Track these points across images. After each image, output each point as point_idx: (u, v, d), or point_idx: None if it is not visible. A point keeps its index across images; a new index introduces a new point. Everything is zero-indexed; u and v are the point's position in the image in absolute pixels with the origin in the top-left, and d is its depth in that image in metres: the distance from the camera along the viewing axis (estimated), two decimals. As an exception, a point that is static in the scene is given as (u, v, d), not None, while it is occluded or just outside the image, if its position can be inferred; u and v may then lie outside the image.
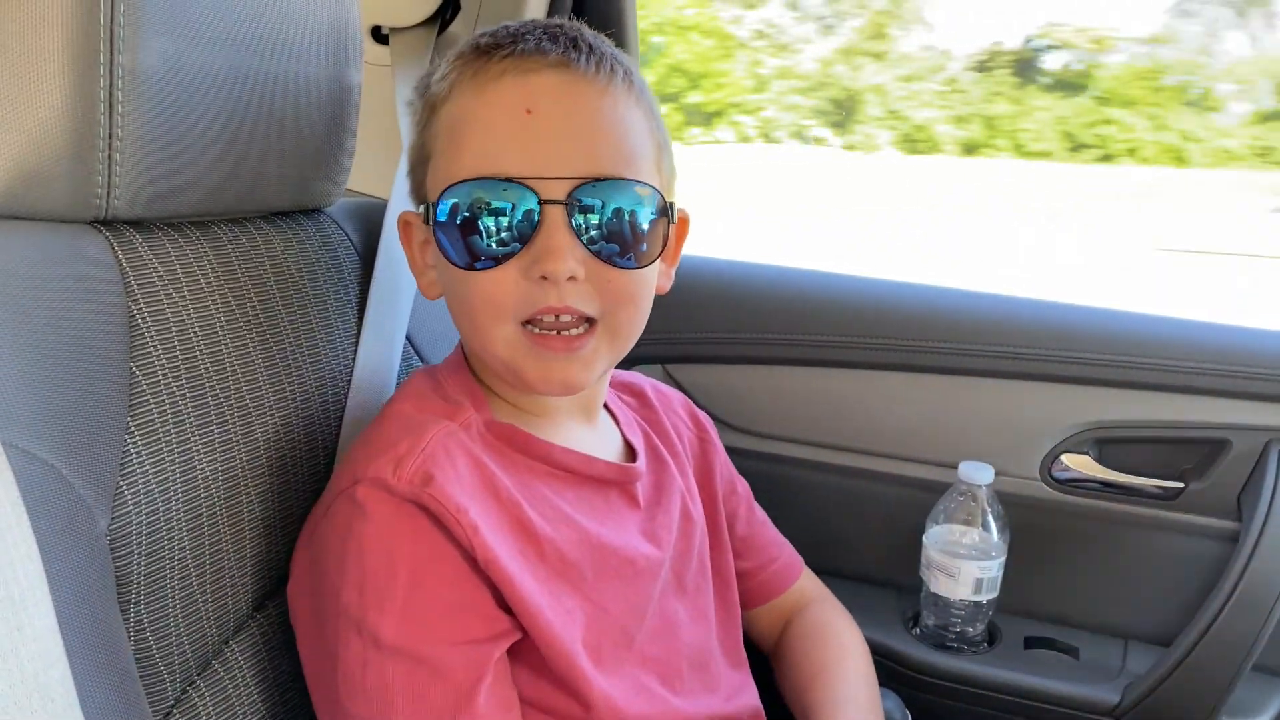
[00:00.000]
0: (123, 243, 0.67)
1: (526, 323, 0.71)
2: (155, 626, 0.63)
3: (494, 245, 0.69)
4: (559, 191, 0.69)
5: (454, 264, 0.71)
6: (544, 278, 0.69)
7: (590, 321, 0.72)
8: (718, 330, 1.33)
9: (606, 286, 0.72)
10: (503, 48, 0.71)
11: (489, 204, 0.69)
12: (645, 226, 0.72)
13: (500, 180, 0.69)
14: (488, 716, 0.66)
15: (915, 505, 1.20)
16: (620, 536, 0.79)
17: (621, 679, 0.75)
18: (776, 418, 1.32)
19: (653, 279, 0.77)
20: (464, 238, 0.70)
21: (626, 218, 0.71)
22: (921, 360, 1.24)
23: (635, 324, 0.76)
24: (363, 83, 0.86)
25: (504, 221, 0.69)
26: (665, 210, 0.74)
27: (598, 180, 0.70)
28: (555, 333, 0.71)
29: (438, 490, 0.67)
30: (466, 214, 0.69)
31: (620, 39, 0.76)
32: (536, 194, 0.68)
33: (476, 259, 0.70)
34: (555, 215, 0.69)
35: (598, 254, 0.70)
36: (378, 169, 1.07)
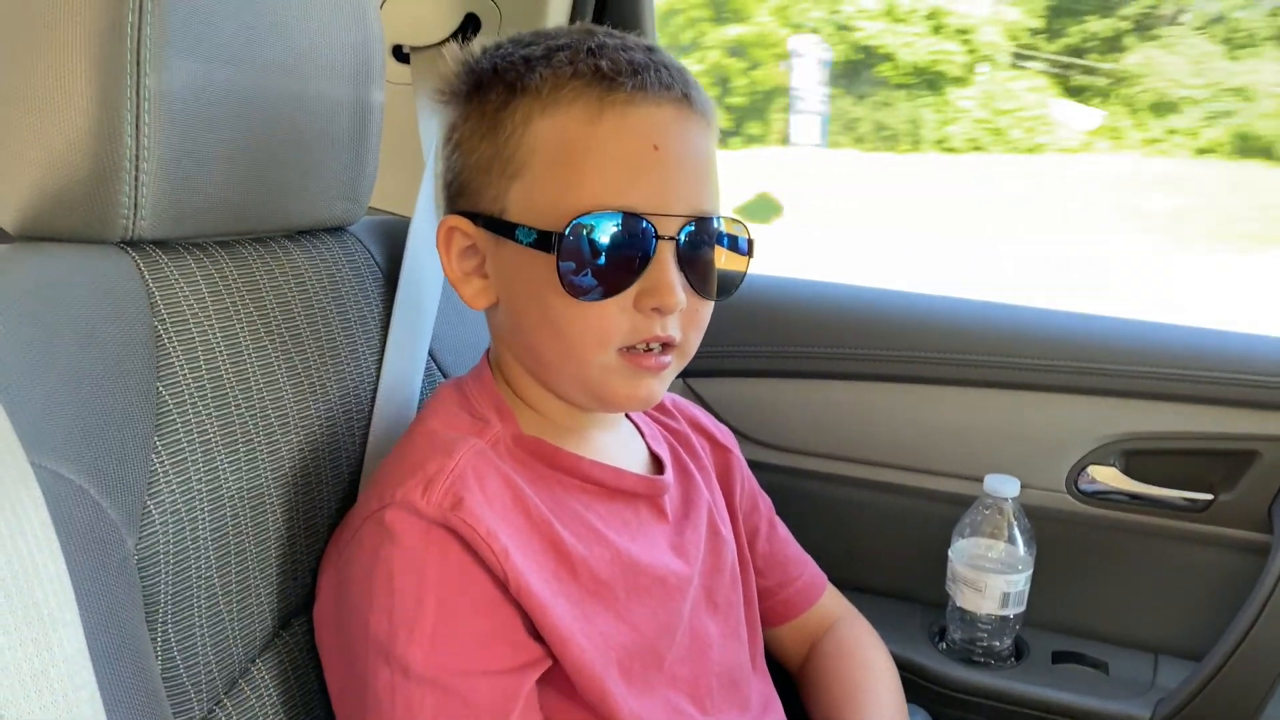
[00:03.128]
0: (149, 263, 0.67)
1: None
2: (182, 646, 0.63)
3: (612, 277, 0.70)
4: (672, 228, 0.70)
5: (574, 293, 0.70)
6: (655, 309, 0.71)
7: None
8: (740, 344, 1.33)
9: (693, 316, 0.75)
10: (624, 75, 0.70)
11: (614, 237, 0.69)
12: (738, 261, 0.76)
13: (627, 214, 0.69)
14: None
15: (941, 519, 1.19)
16: (650, 553, 0.78)
17: (652, 701, 0.75)
18: (799, 431, 1.31)
19: None
20: (584, 268, 0.69)
21: (724, 253, 0.75)
22: (945, 373, 1.24)
23: (698, 345, 0.78)
24: (385, 102, 0.86)
25: (625, 255, 0.69)
26: (750, 245, 0.77)
27: (704, 218, 0.72)
28: (646, 349, 0.73)
29: (468, 513, 0.66)
30: (592, 244, 0.69)
31: None
32: (655, 229, 0.70)
33: (593, 289, 0.70)
34: (667, 251, 0.70)
35: (693, 287, 0.73)
36: (400, 187, 1.07)
